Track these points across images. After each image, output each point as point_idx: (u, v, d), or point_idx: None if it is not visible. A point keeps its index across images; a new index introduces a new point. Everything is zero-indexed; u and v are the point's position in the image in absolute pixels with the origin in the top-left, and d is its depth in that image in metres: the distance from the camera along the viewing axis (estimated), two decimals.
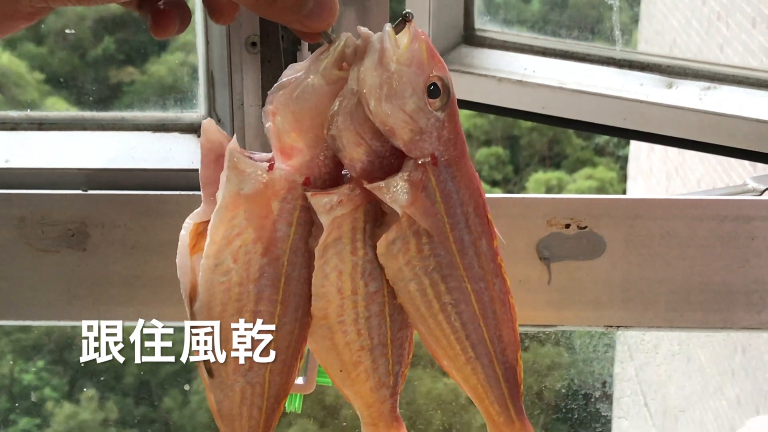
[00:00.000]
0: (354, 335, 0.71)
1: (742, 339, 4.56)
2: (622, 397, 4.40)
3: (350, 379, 0.73)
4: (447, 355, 0.72)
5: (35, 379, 5.51)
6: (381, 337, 0.72)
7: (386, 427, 0.75)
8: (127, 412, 4.80)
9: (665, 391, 5.03)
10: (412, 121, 0.66)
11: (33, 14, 0.67)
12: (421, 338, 0.72)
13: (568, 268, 0.97)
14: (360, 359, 0.72)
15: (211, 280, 0.68)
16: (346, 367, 0.72)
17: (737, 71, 1.12)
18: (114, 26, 5.99)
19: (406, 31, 0.67)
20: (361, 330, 0.71)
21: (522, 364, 0.74)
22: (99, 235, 0.97)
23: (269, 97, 0.68)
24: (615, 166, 6.55)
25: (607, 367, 3.85)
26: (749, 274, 0.98)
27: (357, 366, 0.72)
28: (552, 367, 3.82)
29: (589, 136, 6.57)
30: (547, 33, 1.14)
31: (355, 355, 0.72)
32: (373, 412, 0.74)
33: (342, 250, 0.69)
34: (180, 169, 0.99)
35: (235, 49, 0.94)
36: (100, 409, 4.87)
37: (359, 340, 0.71)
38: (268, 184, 0.67)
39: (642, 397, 4.93)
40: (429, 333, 0.71)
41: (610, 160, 6.65)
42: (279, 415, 0.72)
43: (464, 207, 0.69)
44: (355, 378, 0.73)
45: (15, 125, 1.02)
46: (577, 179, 6.54)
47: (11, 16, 0.67)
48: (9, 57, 5.78)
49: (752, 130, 1.06)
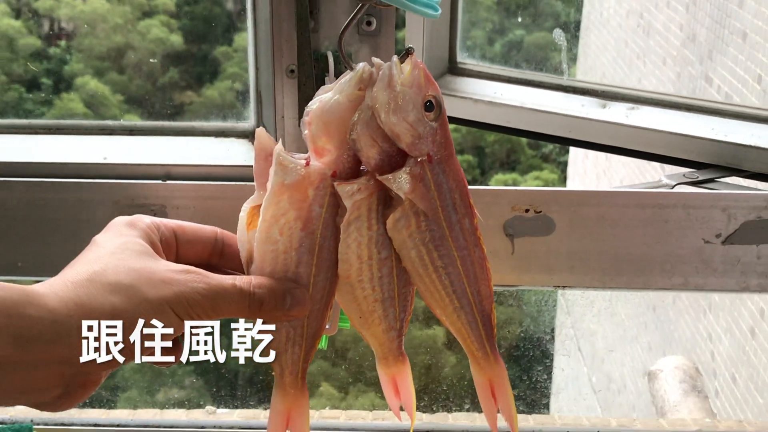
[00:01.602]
0: (369, 290, 0.71)
1: (654, 299, 4.56)
2: (563, 342, 4.41)
3: (367, 324, 0.73)
4: (438, 306, 0.72)
5: None
6: (390, 291, 0.71)
7: (394, 360, 0.75)
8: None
9: (595, 338, 5.05)
10: (413, 129, 0.67)
11: (98, 381, 0.62)
12: (419, 293, 0.72)
13: (527, 243, 0.97)
14: (374, 309, 0.72)
15: (263, 249, 0.68)
16: (364, 315, 0.72)
17: (653, 96, 1.12)
18: (177, 60, 5.96)
19: (408, 61, 0.67)
20: (375, 286, 0.71)
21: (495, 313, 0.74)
22: (174, 215, 0.96)
23: (306, 111, 0.68)
24: (557, 170, 6.54)
25: (551, 320, 3.86)
26: (663, 249, 0.98)
27: (372, 314, 0.72)
28: (508, 321, 3.82)
29: (537, 146, 6.55)
30: (510, 66, 1.13)
31: (370, 305, 0.72)
32: (384, 349, 0.74)
33: (361, 226, 0.69)
34: (236, 165, 0.99)
35: (278, 75, 0.94)
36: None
37: (374, 294, 0.71)
38: (305, 176, 0.67)
39: (576, 342, 4.94)
40: (425, 289, 0.71)
41: (553, 165, 6.64)
42: (315, 350, 0.72)
43: (452, 194, 0.69)
44: (371, 323, 0.72)
45: (111, 131, 1.02)
46: (527, 179, 6.52)
47: (83, 385, 0.61)
48: (96, 83, 5.76)
49: (664, 140, 1.06)
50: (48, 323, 0.55)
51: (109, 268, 0.61)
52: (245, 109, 1.01)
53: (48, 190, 0.97)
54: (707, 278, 0.99)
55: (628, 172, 4.81)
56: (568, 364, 4.86)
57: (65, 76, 5.89)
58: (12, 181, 0.97)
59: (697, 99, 1.10)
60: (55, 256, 0.99)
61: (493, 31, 5.76)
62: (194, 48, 6.01)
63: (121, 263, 0.61)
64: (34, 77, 5.94)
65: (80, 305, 0.58)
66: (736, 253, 0.98)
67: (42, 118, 4.29)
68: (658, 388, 2.66)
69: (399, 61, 0.67)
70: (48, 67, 6.01)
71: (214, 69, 5.88)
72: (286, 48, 0.93)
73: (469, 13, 1.09)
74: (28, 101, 5.80)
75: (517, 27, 5.91)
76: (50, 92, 5.88)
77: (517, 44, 5.78)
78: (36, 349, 0.54)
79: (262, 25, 0.93)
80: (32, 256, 0.99)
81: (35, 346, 0.54)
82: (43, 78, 5.97)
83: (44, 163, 0.99)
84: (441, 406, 2.72)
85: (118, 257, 0.62)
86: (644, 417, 3.73)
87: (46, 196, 0.97)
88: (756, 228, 0.97)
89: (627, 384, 4.74)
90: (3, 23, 5.84)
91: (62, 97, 5.78)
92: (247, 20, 0.94)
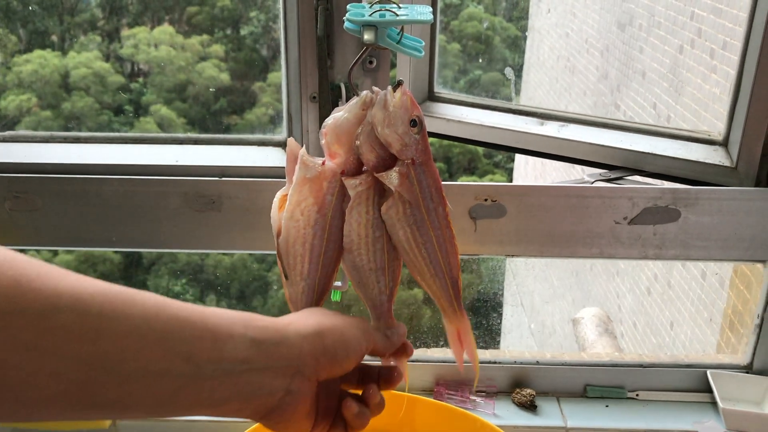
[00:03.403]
0: (366, 261, 0.69)
1: (577, 265, 4.57)
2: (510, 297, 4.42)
3: (363, 287, 0.71)
4: (419, 272, 0.70)
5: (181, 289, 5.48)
6: (382, 263, 0.70)
7: (385, 322, 0.72)
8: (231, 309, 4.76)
9: (533, 295, 5.05)
10: (401, 139, 0.66)
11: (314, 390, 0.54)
12: (405, 263, 0.71)
13: (486, 223, 0.97)
14: (369, 276, 0.70)
15: (288, 225, 0.67)
16: (362, 279, 0.70)
17: (577, 116, 1.11)
18: (225, 93, 5.94)
19: (399, 90, 0.66)
20: (370, 258, 0.69)
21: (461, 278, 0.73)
22: (228, 203, 0.97)
23: (323, 126, 0.68)
24: (505, 174, 6.52)
25: (501, 281, 3.87)
26: (585, 227, 0.98)
27: (368, 279, 0.70)
28: (470, 283, 3.82)
29: (491, 155, 6.53)
30: (472, 95, 1.13)
31: (367, 273, 0.70)
32: (377, 311, 0.72)
33: (361, 211, 0.68)
34: (272, 166, 0.98)
35: (304, 100, 0.94)
36: (217, 306, 4.84)
37: (368, 263, 0.69)
38: (322, 172, 0.67)
39: (519, 297, 4.95)
40: (409, 260, 0.70)
41: (502, 170, 6.62)
42: (323, 302, 0.71)
43: (429, 188, 0.68)
44: (366, 287, 0.71)
45: (180, 142, 1.02)
46: (484, 182, 6.50)
47: (300, 390, 0.53)
48: (165, 110, 5.74)
49: (586, 149, 1.05)
50: (272, 330, 0.52)
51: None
52: (277, 126, 1.01)
53: (134, 185, 0.97)
54: (617, 249, 0.99)
55: (558, 174, 4.81)
56: (514, 314, 4.87)
57: (142, 105, 5.87)
58: (108, 178, 0.97)
59: (608, 119, 1.10)
60: (139, 233, 0.99)
61: (458, 71, 5.75)
62: (238, 83, 5.98)
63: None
64: (120, 105, 5.92)
65: (295, 318, 0.56)
66: (638, 231, 0.98)
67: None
68: (580, 331, 2.66)
69: (392, 90, 0.66)
70: (129, 97, 5.99)
71: (253, 99, 5.86)
72: (310, 80, 0.93)
73: (440, 57, 1.09)
74: (115, 123, 5.78)
75: (477, 68, 5.90)
76: (131, 116, 5.87)
77: (477, 80, 5.77)
78: (267, 350, 0.50)
79: (292, 63, 0.93)
80: (123, 233, 0.99)
81: (266, 347, 0.50)
82: (126, 106, 5.95)
83: (132, 164, 0.99)
84: (422, 343, 2.72)
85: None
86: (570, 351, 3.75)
87: (133, 189, 0.97)
88: (653, 212, 0.97)
89: (557, 328, 4.75)
90: (96, 65, 5.81)
91: (140, 120, 5.76)
92: (281, 60, 0.94)
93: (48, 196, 0.97)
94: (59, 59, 5.79)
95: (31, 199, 0.97)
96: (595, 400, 1.08)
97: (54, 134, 1.03)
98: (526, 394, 1.06)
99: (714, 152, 1.03)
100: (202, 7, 6.25)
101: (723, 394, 1.05)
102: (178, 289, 5.42)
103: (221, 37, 6.19)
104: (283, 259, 0.68)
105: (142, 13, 6.36)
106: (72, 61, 5.78)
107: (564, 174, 4.58)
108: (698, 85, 3.26)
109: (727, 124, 1.02)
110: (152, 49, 6.02)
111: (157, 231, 0.98)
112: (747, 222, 0.97)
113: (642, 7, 3.92)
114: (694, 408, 1.06)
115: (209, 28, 6.26)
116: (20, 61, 5.71)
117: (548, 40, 5.57)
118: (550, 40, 5.54)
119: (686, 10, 3.41)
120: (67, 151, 1.01)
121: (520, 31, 5.97)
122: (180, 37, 6.05)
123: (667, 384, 1.08)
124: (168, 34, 6.03)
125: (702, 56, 3.23)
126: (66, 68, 5.77)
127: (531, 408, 1.05)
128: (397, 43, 0.73)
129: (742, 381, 1.06)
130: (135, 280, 5.51)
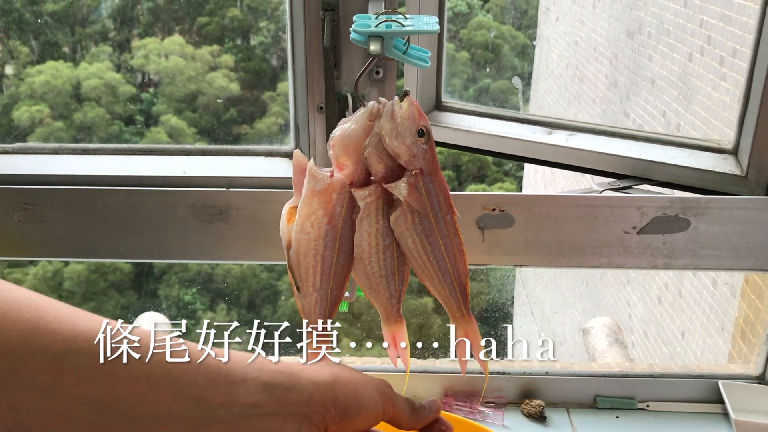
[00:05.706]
0: (377, 268, 0.70)
1: (587, 275, 4.55)
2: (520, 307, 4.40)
3: (374, 293, 0.72)
4: (428, 279, 0.71)
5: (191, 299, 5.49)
6: (391, 269, 0.71)
7: (394, 322, 0.73)
8: (241, 318, 4.76)
9: (543, 304, 5.03)
10: (409, 150, 0.66)
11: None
12: (414, 270, 0.71)
13: (494, 233, 0.97)
14: (380, 282, 0.71)
15: (298, 237, 0.67)
16: (372, 286, 0.71)
17: (586, 125, 1.11)
18: (235, 102, 5.96)
19: (406, 100, 0.66)
20: (380, 266, 0.70)
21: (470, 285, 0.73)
22: (236, 214, 0.97)
23: (331, 137, 0.68)
24: (515, 182, 6.50)
25: (511, 291, 3.86)
26: (594, 237, 0.97)
27: (378, 285, 0.71)
28: (479, 292, 3.81)
29: (500, 164, 6.52)
30: (481, 104, 1.13)
31: (377, 279, 0.71)
32: (387, 312, 0.73)
33: (371, 221, 0.68)
34: (279, 177, 0.98)
35: (311, 111, 0.94)
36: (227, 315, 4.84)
37: (379, 271, 0.70)
38: (330, 184, 0.67)
39: (530, 307, 4.93)
40: (418, 267, 0.70)
41: (512, 178, 6.60)
42: (336, 312, 0.71)
43: (438, 197, 0.68)
44: (377, 292, 0.72)
45: (188, 153, 1.02)
46: (493, 189, 6.49)
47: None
48: (176, 119, 5.76)
49: (595, 158, 1.05)
50: (286, 374, 0.51)
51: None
52: (286, 136, 1.01)
53: (143, 196, 0.97)
54: (626, 259, 0.98)
55: (568, 182, 4.80)
56: (523, 324, 4.85)
57: (153, 114, 5.89)
58: (116, 189, 0.97)
59: (618, 128, 1.10)
60: (147, 244, 0.99)
61: (467, 80, 5.75)
62: (248, 93, 6.01)
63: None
64: (130, 115, 5.95)
65: (310, 365, 0.53)
66: (647, 240, 0.97)
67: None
68: (590, 340, 2.65)
69: (399, 100, 0.66)
70: (140, 107, 6.02)
71: (263, 109, 5.88)
72: (317, 91, 0.93)
73: (449, 66, 1.09)
74: (126, 133, 5.81)
75: (486, 76, 5.90)
76: (142, 126, 5.89)
77: (486, 89, 5.78)
78: (278, 394, 0.49)
79: (299, 74, 0.93)
80: (131, 244, 0.99)
81: (278, 392, 0.49)
82: (137, 116, 5.98)
83: (140, 176, 0.99)
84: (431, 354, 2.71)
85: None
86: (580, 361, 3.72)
87: (141, 200, 0.97)
88: (662, 222, 0.97)
89: (567, 338, 4.72)
90: (107, 75, 5.85)
91: (151, 130, 5.78)
92: (288, 71, 0.94)
93: (56, 207, 0.97)
94: (71, 70, 5.84)
95: (39, 211, 0.97)
96: (606, 411, 1.07)
97: (62, 146, 1.03)
98: (535, 405, 1.05)
99: (724, 161, 1.02)
100: (212, 17, 6.28)
101: (735, 405, 1.03)
102: (188, 298, 5.43)
103: (231, 47, 6.22)
104: (294, 272, 0.68)
105: (153, 23, 6.40)
106: (83, 72, 5.82)
107: (573, 182, 4.57)
108: (708, 93, 3.25)
109: (737, 132, 1.01)
110: (162, 59, 6.05)
111: (165, 242, 0.98)
112: (758, 231, 0.97)
113: (651, 15, 3.92)
114: (705, 419, 1.05)
115: (219, 38, 6.29)
116: (33, 72, 5.76)
117: (557, 49, 5.57)
118: (558, 49, 5.54)
119: (695, 17, 3.40)
120: (76, 162, 1.01)
121: (529, 40, 5.97)
122: (190, 47, 6.08)
123: (678, 395, 1.07)
124: (178, 44, 6.06)
125: (711, 64, 3.22)
126: (78, 79, 5.81)
127: (540, 419, 1.04)
128: (404, 53, 0.73)
129: (755, 392, 1.05)
130: (146, 289, 5.53)
